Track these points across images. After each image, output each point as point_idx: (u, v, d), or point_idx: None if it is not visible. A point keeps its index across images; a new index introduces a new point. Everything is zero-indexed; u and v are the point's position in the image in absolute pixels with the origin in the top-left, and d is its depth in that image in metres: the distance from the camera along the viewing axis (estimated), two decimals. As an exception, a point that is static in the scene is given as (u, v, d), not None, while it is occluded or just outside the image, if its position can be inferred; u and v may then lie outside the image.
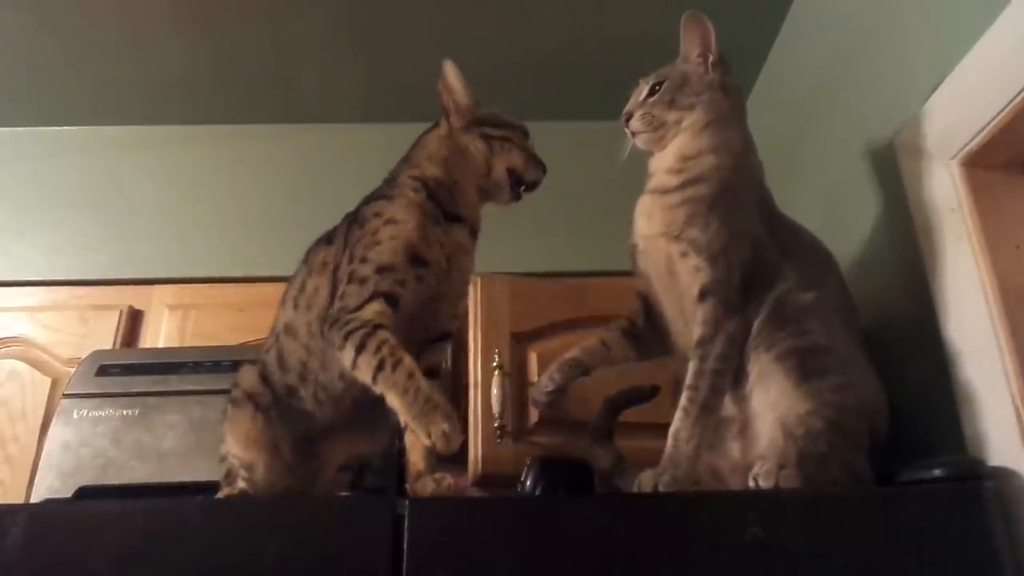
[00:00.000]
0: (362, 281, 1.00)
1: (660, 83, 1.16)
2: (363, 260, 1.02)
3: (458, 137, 1.16)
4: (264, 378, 1.11)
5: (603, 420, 1.21)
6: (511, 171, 1.15)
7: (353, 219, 1.12)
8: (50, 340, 1.80)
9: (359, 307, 0.99)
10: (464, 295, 1.16)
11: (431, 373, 1.08)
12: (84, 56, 1.98)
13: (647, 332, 1.15)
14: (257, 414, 1.08)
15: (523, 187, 1.17)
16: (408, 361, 0.94)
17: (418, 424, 0.91)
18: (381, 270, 1.01)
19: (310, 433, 1.09)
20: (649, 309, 1.15)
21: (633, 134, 1.17)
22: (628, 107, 1.19)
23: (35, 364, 1.77)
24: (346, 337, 0.97)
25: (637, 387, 1.22)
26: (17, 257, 2.02)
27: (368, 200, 1.13)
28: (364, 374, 0.95)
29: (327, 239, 1.15)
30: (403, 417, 0.93)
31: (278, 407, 1.09)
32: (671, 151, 1.12)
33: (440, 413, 0.91)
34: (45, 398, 1.71)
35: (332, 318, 1.00)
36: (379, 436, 1.13)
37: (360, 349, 0.95)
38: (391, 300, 1.00)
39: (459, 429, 0.91)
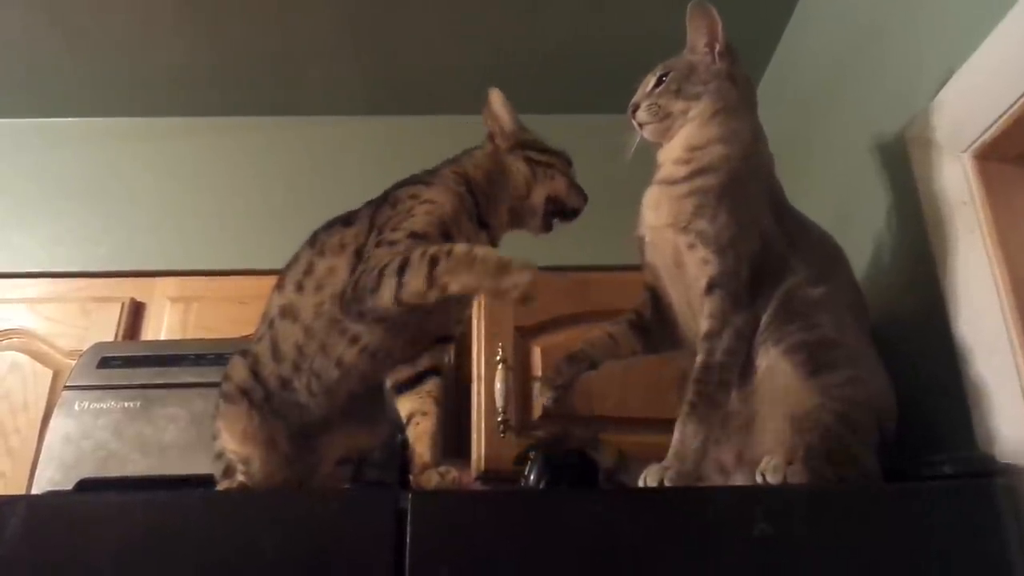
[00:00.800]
0: (392, 243, 1.00)
1: (667, 74, 1.15)
2: (394, 229, 1.02)
3: (503, 157, 1.18)
4: (255, 372, 1.08)
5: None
6: (552, 199, 1.17)
7: (383, 201, 1.11)
8: (51, 332, 1.80)
9: (390, 264, 0.95)
10: (470, 303, 1.17)
11: (435, 372, 1.08)
12: (86, 48, 1.97)
13: (654, 325, 1.13)
14: (252, 410, 1.05)
15: (561, 216, 1.18)
16: (460, 245, 0.92)
17: (496, 286, 0.88)
18: (413, 235, 1.00)
19: (307, 427, 1.08)
20: (656, 302, 1.13)
21: (640, 125, 1.16)
22: (635, 98, 1.18)
23: (36, 356, 1.77)
24: (381, 273, 0.94)
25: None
26: (18, 249, 2.02)
27: (402, 184, 1.14)
28: (417, 283, 0.90)
29: (344, 221, 1.12)
30: (481, 289, 0.91)
31: (272, 401, 1.07)
32: (679, 141, 1.11)
33: (515, 265, 0.88)
34: (47, 390, 1.71)
35: (356, 280, 0.98)
36: (378, 429, 1.13)
37: (402, 269, 0.92)
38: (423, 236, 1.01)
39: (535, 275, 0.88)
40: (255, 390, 1.07)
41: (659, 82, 1.15)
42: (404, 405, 1.05)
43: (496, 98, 1.21)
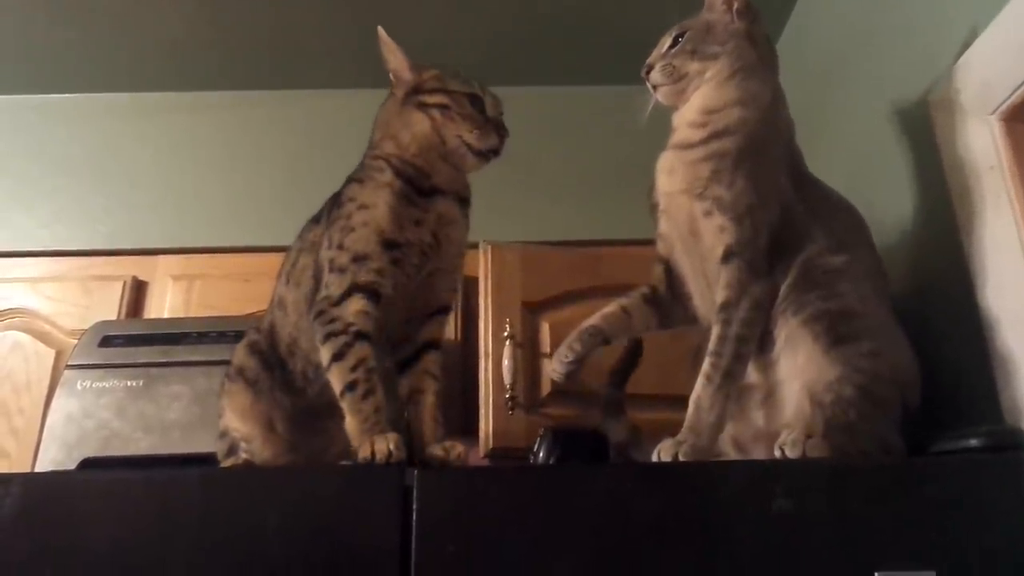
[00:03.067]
0: (341, 270, 0.99)
1: (683, 34, 1.11)
2: (340, 247, 1.00)
3: (403, 110, 1.08)
4: (255, 351, 1.10)
5: (612, 392, 1.17)
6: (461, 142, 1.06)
7: (336, 198, 1.09)
8: (53, 311, 1.78)
9: (340, 300, 0.97)
10: (460, 267, 1.11)
11: (432, 345, 1.05)
12: (82, 21, 1.93)
13: (669, 299, 1.10)
14: (249, 389, 1.07)
15: (479, 157, 1.07)
16: (379, 393, 0.94)
17: (362, 440, 0.89)
18: (357, 259, 0.99)
19: (310, 409, 1.07)
20: (671, 274, 1.10)
21: (654, 87, 1.12)
22: (649, 59, 1.14)
23: (39, 335, 1.75)
24: (327, 337, 0.96)
25: (627, 348, 1.18)
26: (18, 228, 1.99)
27: (348, 180, 1.10)
28: (335, 382, 0.95)
29: (316, 218, 1.12)
30: (350, 432, 0.92)
31: (268, 381, 1.08)
32: (694, 104, 1.07)
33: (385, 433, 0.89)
34: (49, 370, 1.70)
35: (317, 309, 0.99)
36: (391, 404, 1.10)
37: (337, 357, 0.95)
38: (371, 294, 0.98)
39: (402, 452, 0.88)
40: (251, 368, 1.09)
41: (675, 42, 1.11)
42: (403, 385, 1.03)
43: (383, 36, 1.10)
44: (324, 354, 0.96)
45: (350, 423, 0.92)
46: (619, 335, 1.11)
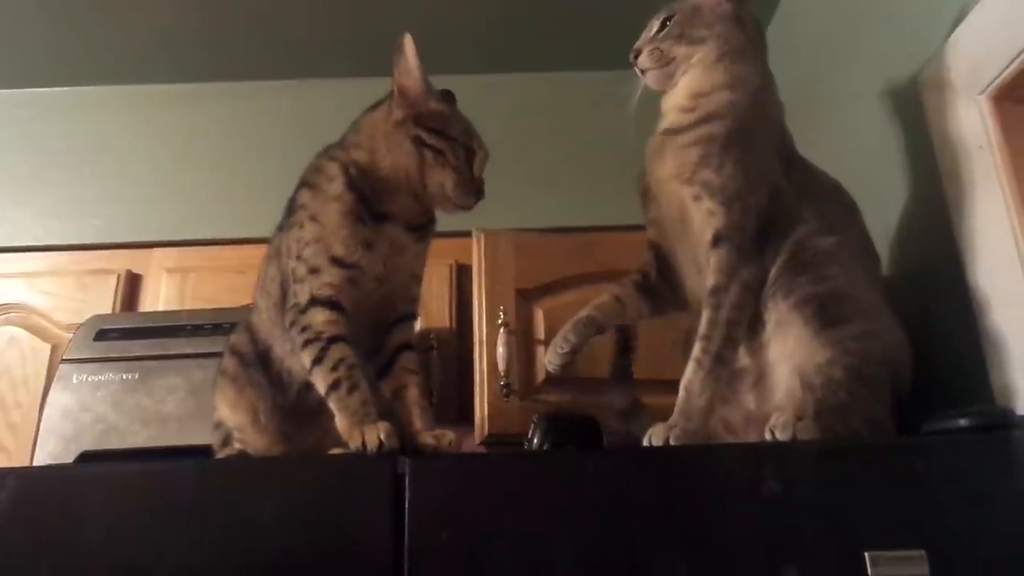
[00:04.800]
0: (301, 281, 0.98)
1: (670, 17, 1.10)
2: (298, 257, 0.99)
3: (395, 130, 1.02)
4: (234, 352, 1.10)
5: (617, 362, 1.17)
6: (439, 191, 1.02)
7: (291, 203, 1.07)
8: (49, 306, 1.78)
9: (306, 309, 0.97)
10: (417, 282, 1.08)
11: (404, 347, 1.04)
12: (73, 13, 1.92)
13: (660, 285, 1.10)
14: (232, 383, 1.07)
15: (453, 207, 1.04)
16: (364, 387, 0.93)
17: (352, 432, 0.89)
18: (312, 271, 0.98)
19: (297, 406, 1.06)
20: (661, 261, 1.10)
21: (642, 72, 1.12)
22: (638, 44, 1.13)
23: (34, 330, 1.75)
24: (304, 344, 0.96)
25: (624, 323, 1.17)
26: (12, 223, 1.99)
27: (300, 182, 1.07)
28: (319, 385, 0.95)
29: (280, 225, 1.10)
30: (340, 429, 0.92)
31: (249, 379, 1.07)
32: (682, 88, 1.07)
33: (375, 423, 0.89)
34: (45, 364, 1.70)
35: (289, 319, 0.99)
36: (380, 399, 1.11)
37: (317, 362, 0.95)
38: (332, 305, 0.97)
39: (394, 440, 0.88)
40: (235, 369, 1.08)
41: (663, 26, 1.10)
42: (386, 388, 1.03)
43: (410, 48, 1.02)
44: (304, 359, 0.96)
45: (339, 420, 0.92)
46: (613, 324, 1.11)
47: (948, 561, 0.77)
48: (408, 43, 1.02)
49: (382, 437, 0.86)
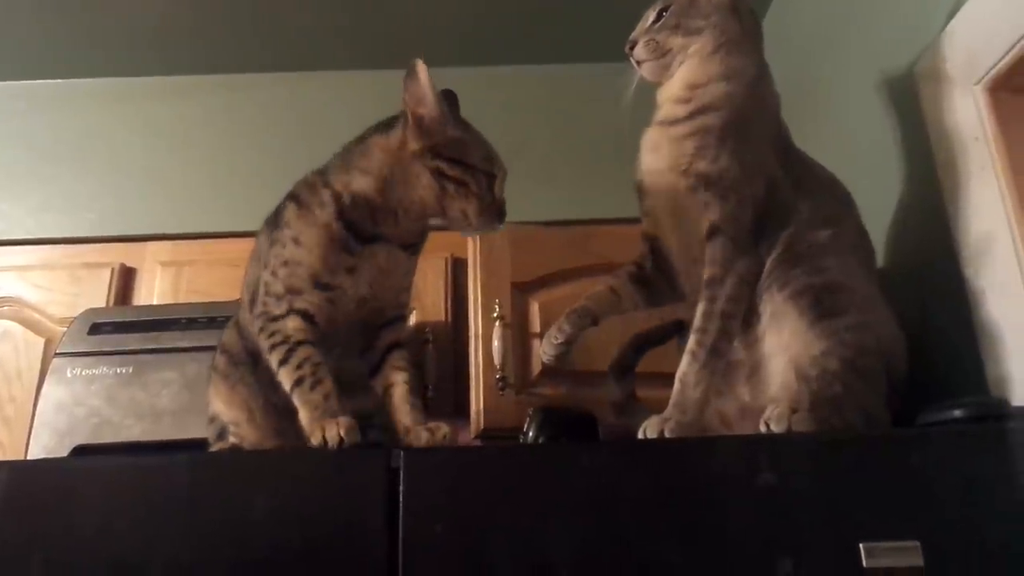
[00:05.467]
0: (278, 297, 0.97)
1: (667, 8, 1.09)
2: (274, 274, 0.98)
3: (408, 162, 0.98)
4: (224, 351, 1.09)
5: (625, 354, 1.17)
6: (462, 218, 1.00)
7: (278, 214, 1.04)
8: (42, 300, 1.77)
9: (279, 318, 0.97)
10: (406, 289, 1.06)
11: (394, 347, 1.03)
12: (65, 5, 1.91)
13: (655, 277, 1.10)
14: (224, 380, 1.07)
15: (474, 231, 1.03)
16: (328, 384, 0.93)
17: (312, 427, 0.89)
18: (291, 291, 0.97)
19: (288, 404, 1.05)
20: (657, 253, 1.10)
21: (638, 63, 1.11)
22: (633, 35, 1.13)
23: (28, 324, 1.75)
24: (271, 348, 0.96)
25: (663, 325, 1.18)
26: (5, 216, 1.98)
27: (289, 195, 1.04)
28: (284, 382, 0.95)
29: (267, 223, 1.08)
30: (303, 424, 0.92)
31: (240, 377, 1.06)
32: (678, 79, 1.06)
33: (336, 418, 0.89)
34: (39, 358, 1.69)
35: (258, 324, 0.98)
36: (371, 394, 1.10)
37: (283, 362, 0.95)
38: (307, 318, 0.97)
39: (354, 436, 0.87)
40: (226, 367, 1.08)
41: (659, 17, 1.10)
42: (377, 386, 1.02)
43: (423, 73, 0.96)
44: (272, 361, 0.96)
45: (302, 416, 0.91)
46: (608, 315, 1.10)
47: (943, 552, 0.77)
48: (421, 69, 0.97)
49: (342, 433, 0.86)
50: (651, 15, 1.12)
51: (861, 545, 0.77)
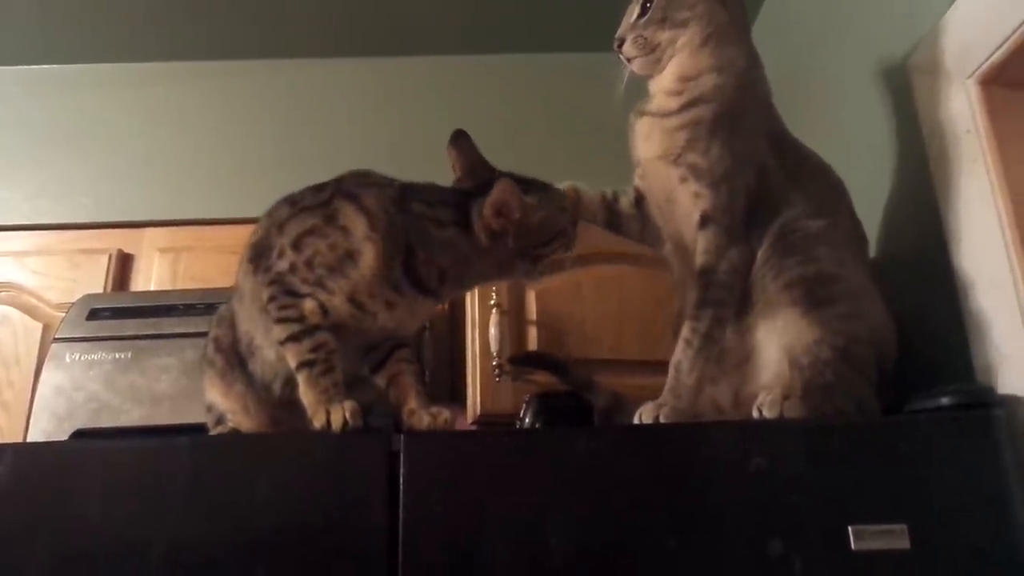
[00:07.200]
0: (304, 280, 0.95)
1: (651, 0, 1.08)
2: (308, 264, 0.95)
3: (505, 255, 0.97)
4: (219, 348, 1.07)
5: (570, 379, 1.20)
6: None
7: (330, 198, 0.99)
8: (40, 285, 1.78)
9: (299, 296, 0.95)
10: (430, 313, 1.08)
11: (400, 346, 1.03)
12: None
13: (630, 215, 1.12)
14: (220, 377, 1.05)
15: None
16: (338, 373, 0.92)
17: (317, 409, 0.89)
18: (321, 286, 0.95)
19: (289, 397, 1.03)
20: (641, 200, 1.12)
21: (628, 60, 1.11)
22: (620, 31, 1.12)
23: (26, 309, 1.75)
24: (280, 320, 0.94)
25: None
26: (2, 201, 1.98)
27: (347, 195, 0.98)
28: (290, 358, 0.93)
29: (290, 201, 1.04)
30: (305, 402, 0.91)
31: (235, 375, 1.05)
32: (669, 73, 1.06)
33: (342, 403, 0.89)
34: (37, 343, 1.70)
35: (270, 291, 0.96)
36: (371, 384, 1.10)
37: (292, 339, 0.93)
38: (326, 311, 0.95)
39: (359, 420, 0.87)
40: (221, 364, 1.06)
41: (643, 10, 1.09)
42: (380, 380, 1.01)
43: (511, 191, 0.93)
44: (278, 332, 0.94)
45: (306, 396, 0.91)
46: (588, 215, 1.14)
47: (929, 535, 0.80)
48: (508, 188, 0.93)
49: (347, 416, 0.86)
50: (635, 9, 1.11)
51: (850, 528, 0.80)
